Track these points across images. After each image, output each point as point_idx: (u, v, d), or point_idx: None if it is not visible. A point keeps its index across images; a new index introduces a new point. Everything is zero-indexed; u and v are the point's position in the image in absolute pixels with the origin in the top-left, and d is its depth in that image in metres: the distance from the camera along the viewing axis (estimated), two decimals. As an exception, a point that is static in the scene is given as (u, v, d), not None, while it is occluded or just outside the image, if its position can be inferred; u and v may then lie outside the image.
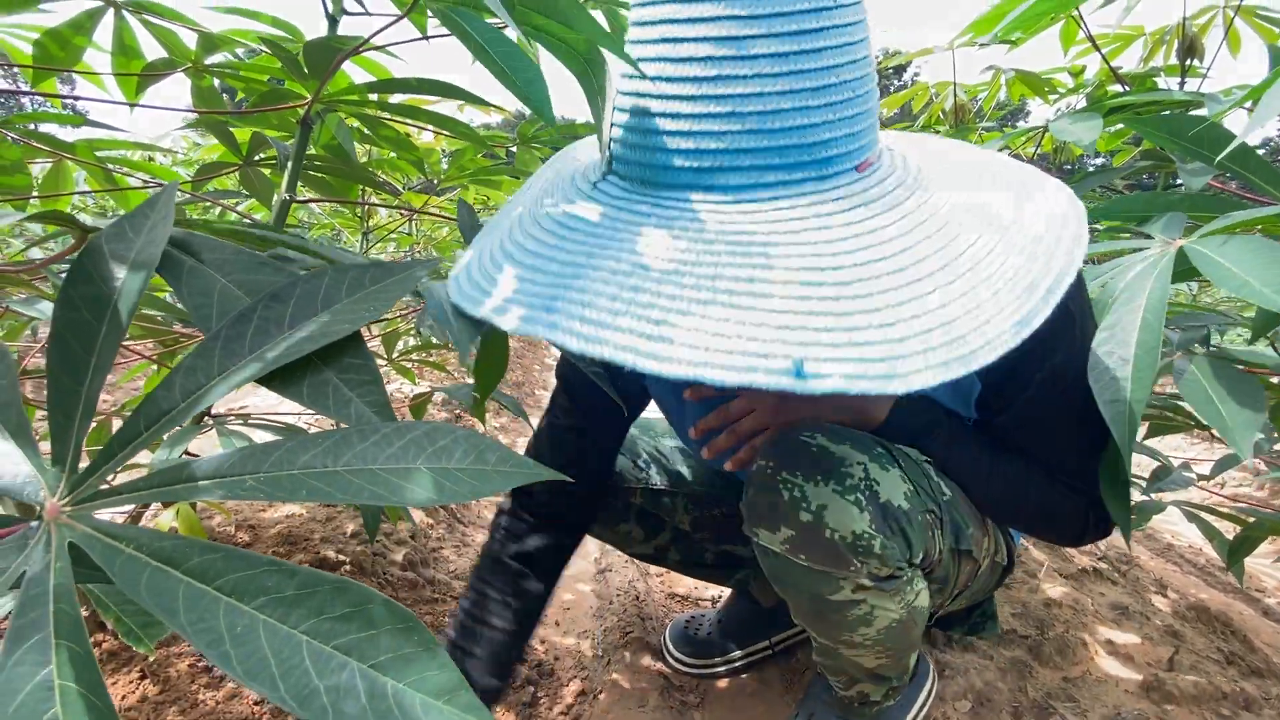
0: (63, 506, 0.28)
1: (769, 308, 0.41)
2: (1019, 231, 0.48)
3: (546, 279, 0.46)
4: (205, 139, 1.86)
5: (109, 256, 0.37)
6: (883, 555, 0.62)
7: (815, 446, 0.64)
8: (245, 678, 0.20)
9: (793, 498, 0.62)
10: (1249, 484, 2.07)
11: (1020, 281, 0.45)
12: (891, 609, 0.66)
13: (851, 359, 0.40)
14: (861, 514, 0.61)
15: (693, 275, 0.43)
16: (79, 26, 0.91)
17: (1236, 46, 1.11)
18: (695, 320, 0.41)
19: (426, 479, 0.27)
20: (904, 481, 0.65)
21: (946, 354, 0.41)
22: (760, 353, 0.40)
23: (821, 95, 0.46)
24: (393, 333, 1.32)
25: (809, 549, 0.63)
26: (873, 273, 0.43)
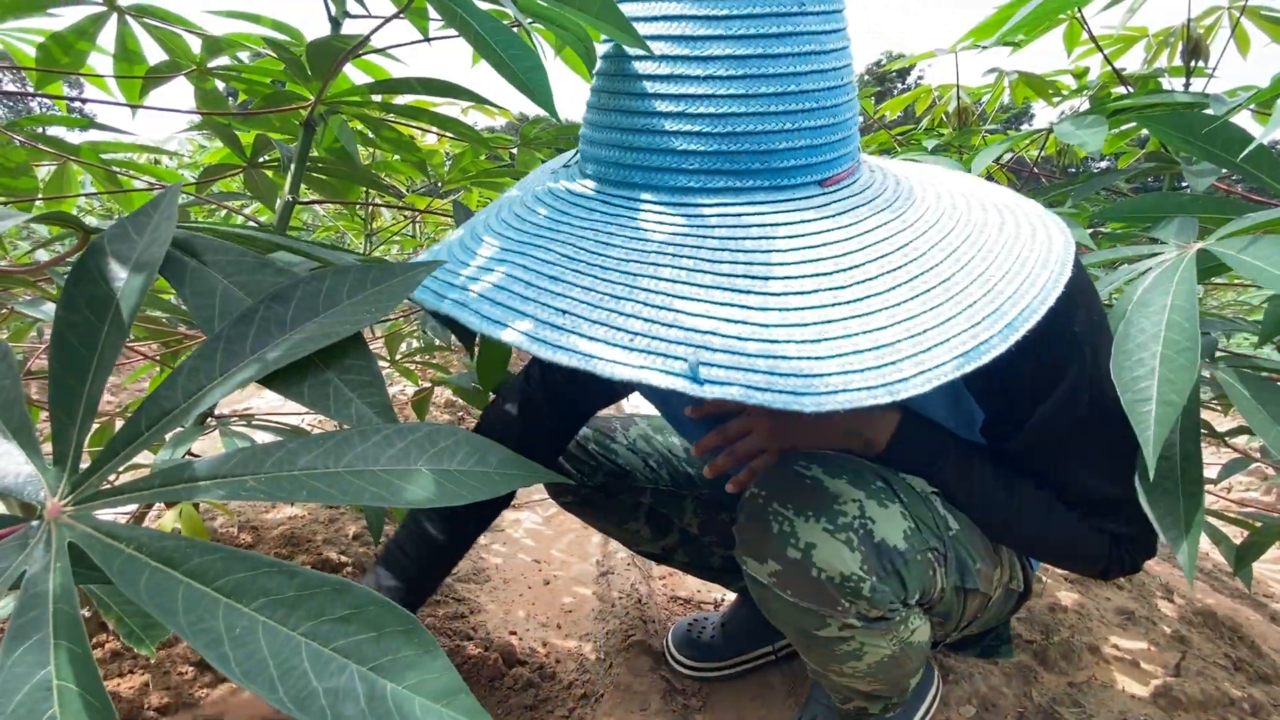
0: (63, 506, 0.28)
1: (686, 309, 0.40)
2: (991, 259, 0.47)
3: (475, 269, 0.47)
4: (210, 142, 1.86)
5: (111, 257, 0.37)
6: (871, 599, 0.59)
7: (809, 478, 0.61)
8: (244, 679, 0.20)
9: (782, 531, 0.60)
10: (1256, 488, 2.05)
11: (980, 311, 0.43)
12: (883, 645, 0.63)
13: (759, 370, 0.38)
14: (852, 554, 0.58)
15: (616, 272, 0.43)
16: (82, 31, 0.91)
17: (1246, 46, 1.11)
18: (603, 314, 0.41)
19: (428, 480, 0.27)
20: (904, 519, 0.61)
21: (875, 378, 0.39)
22: (661, 352, 0.39)
23: (779, 103, 0.45)
24: (396, 334, 1.32)
25: (795, 586, 0.60)
26: (811, 286, 0.42)
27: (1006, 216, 0.53)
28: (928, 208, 0.52)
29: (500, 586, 1.33)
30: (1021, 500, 0.65)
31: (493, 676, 0.98)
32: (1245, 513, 1.01)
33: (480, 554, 1.46)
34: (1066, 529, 0.65)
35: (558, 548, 1.53)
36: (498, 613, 1.22)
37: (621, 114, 0.48)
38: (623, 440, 0.94)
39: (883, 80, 20.32)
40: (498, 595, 1.29)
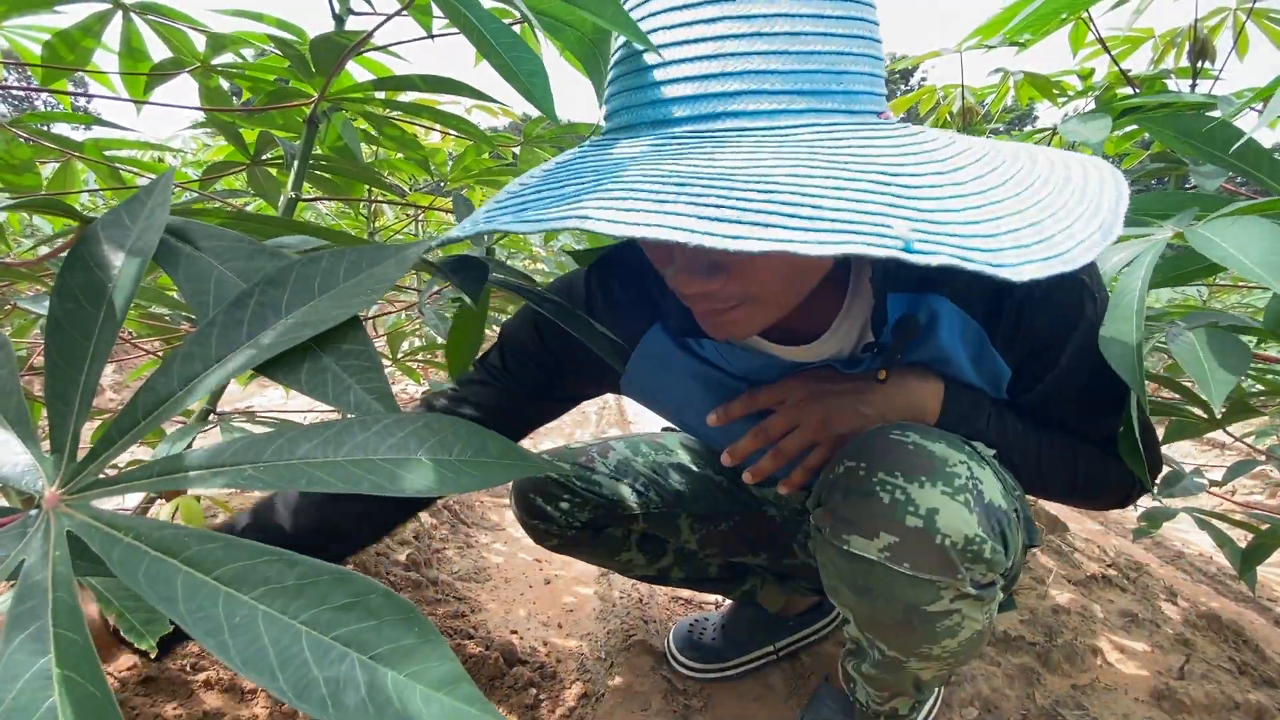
0: (61, 495, 0.28)
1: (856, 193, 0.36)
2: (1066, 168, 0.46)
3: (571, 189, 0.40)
4: (214, 140, 1.87)
5: (105, 243, 0.37)
6: (991, 560, 0.57)
7: (910, 444, 0.59)
8: (243, 668, 0.20)
9: (895, 500, 0.57)
10: (1261, 491, 2.05)
11: (1087, 201, 0.41)
12: (978, 619, 0.61)
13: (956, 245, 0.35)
14: (971, 515, 0.56)
15: (746, 175, 0.37)
16: (88, 29, 0.91)
17: (1244, 49, 1.10)
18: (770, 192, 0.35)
19: (427, 469, 0.26)
20: (997, 479, 0.61)
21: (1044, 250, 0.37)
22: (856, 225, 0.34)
23: (844, 25, 0.45)
24: (398, 333, 1.32)
25: (916, 556, 0.57)
26: (947, 180, 0.40)
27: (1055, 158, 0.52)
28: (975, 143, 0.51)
29: (501, 585, 1.33)
30: (1050, 447, 0.67)
31: (493, 675, 0.98)
32: (1250, 515, 1.01)
33: (481, 553, 1.46)
34: (1092, 467, 0.67)
35: (559, 547, 1.53)
36: (499, 612, 1.21)
37: (687, 44, 0.45)
38: (603, 469, 0.88)
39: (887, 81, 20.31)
40: (499, 594, 1.29)
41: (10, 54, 1.01)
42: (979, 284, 0.61)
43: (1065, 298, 0.61)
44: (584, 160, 0.45)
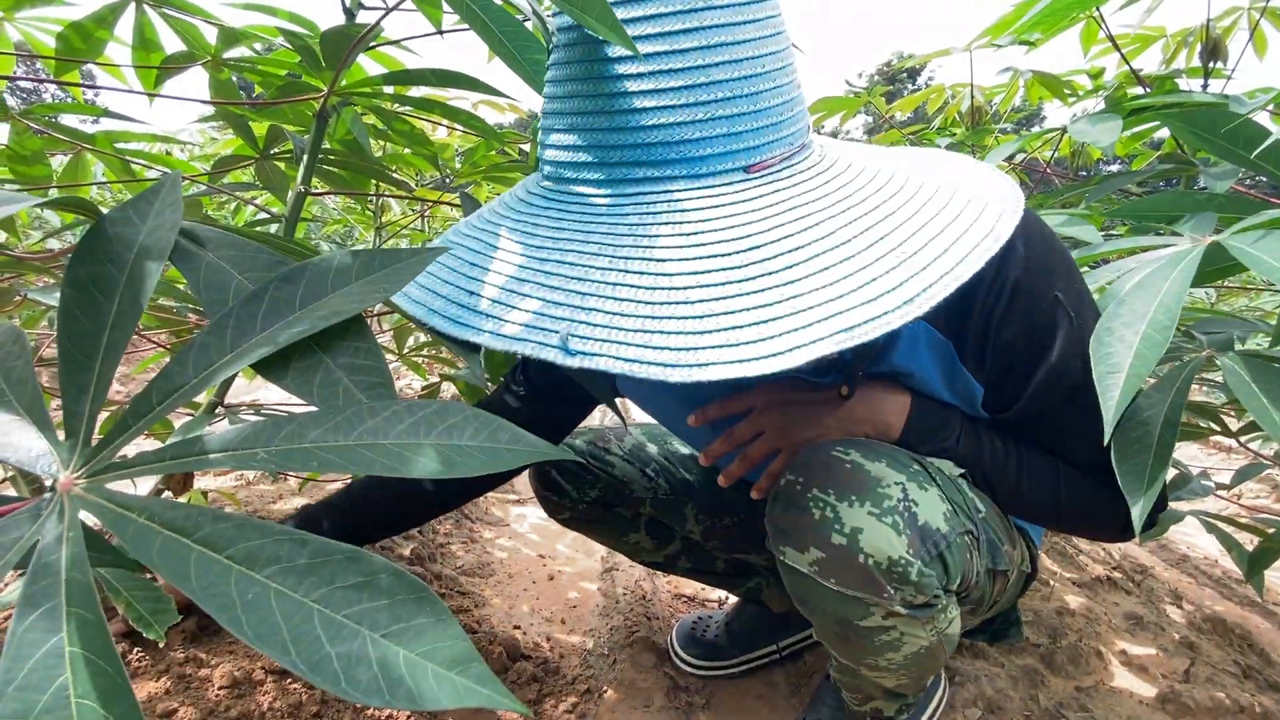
0: (76, 479, 0.28)
1: (577, 289, 0.44)
2: (912, 232, 0.47)
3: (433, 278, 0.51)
4: (222, 134, 1.87)
5: (113, 239, 0.37)
6: (919, 583, 0.58)
7: (849, 462, 0.60)
8: (256, 642, 0.20)
9: (824, 517, 0.58)
10: (1268, 495, 2.03)
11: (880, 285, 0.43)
12: (921, 636, 0.62)
13: (633, 344, 0.41)
14: (899, 537, 0.57)
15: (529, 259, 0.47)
16: (101, 20, 0.92)
17: (1263, 48, 1.09)
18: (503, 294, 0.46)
19: (437, 454, 0.27)
20: (942, 501, 0.61)
21: (750, 351, 0.40)
22: (542, 326, 0.43)
23: (688, 94, 0.47)
24: (404, 329, 1.33)
25: (840, 573, 0.58)
26: (705, 266, 0.44)
27: (960, 190, 0.53)
28: (860, 187, 0.52)
29: (505, 581, 1.33)
30: (1030, 468, 0.66)
31: (496, 670, 0.98)
32: (1258, 519, 1.00)
33: (485, 548, 1.46)
34: (1077, 493, 0.66)
35: (563, 543, 1.53)
36: (502, 607, 1.22)
37: (556, 115, 0.51)
38: (618, 451, 0.92)
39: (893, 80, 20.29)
40: (502, 590, 1.29)
41: (21, 45, 1.01)
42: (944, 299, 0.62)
43: (1036, 315, 0.60)
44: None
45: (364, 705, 0.59)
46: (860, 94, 1.39)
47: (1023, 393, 0.63)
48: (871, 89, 1.41)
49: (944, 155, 0.62)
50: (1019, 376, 0.63)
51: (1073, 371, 0.61)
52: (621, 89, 0.47)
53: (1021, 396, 0.63)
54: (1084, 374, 0.59)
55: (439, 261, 0.52)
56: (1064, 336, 0.60)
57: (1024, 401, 0.63)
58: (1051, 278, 0.60)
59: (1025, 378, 0.62)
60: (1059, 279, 0.60)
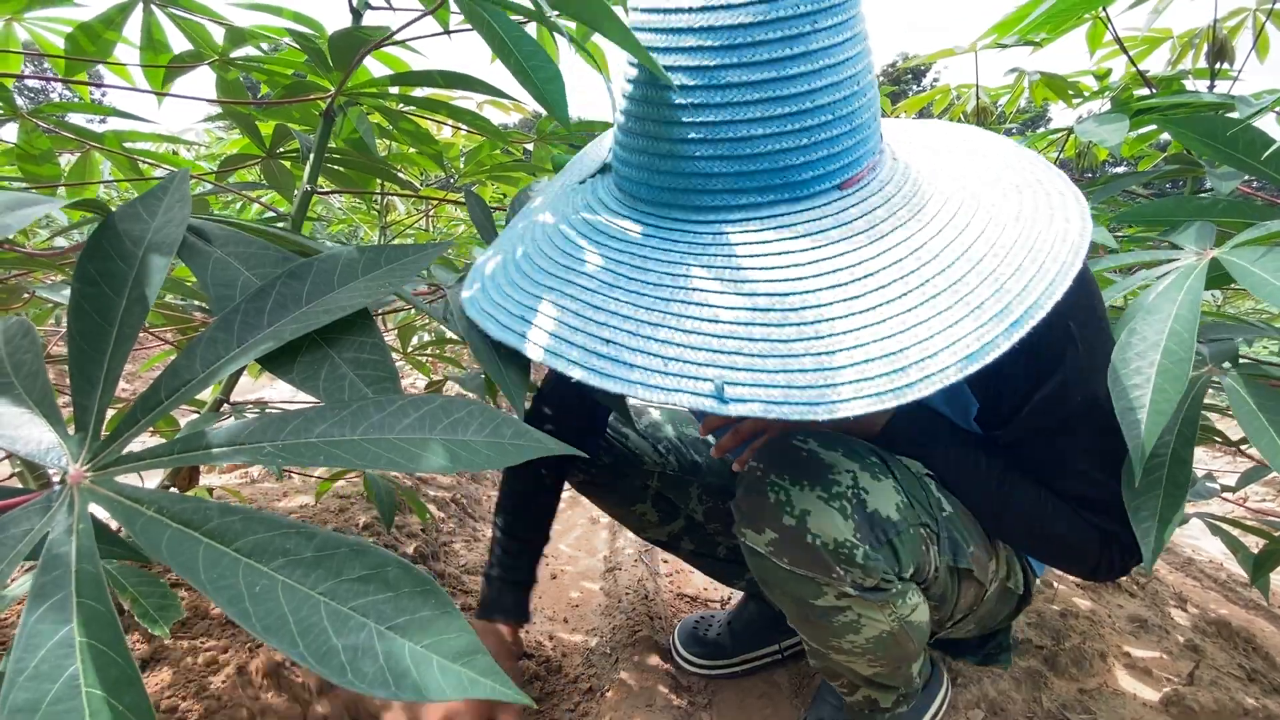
0: (85, 472, 0.28)
1: (713, 331, 0.44)
2: (1003, 255, 0.48)
3: (526, 298, 0.50)
4: (228, 133, 1.88)
5: (123, 235, 0.38)
6: (865, 566, 0.61)
7: (805, 451, 0.63)
8: (264, 634, 0.20)
9: (778, 500, 0.62)
10: (1273, 498, 2.02)
11: (987, 311, 0.45)
12: (880, 619, 0.64)
13: (778, 385, 0.42)
14: (845, 522, 0.60)
15: (651, 297, 0.47)
16: (110, 21, 0.93)
17: (1265, 50, 1.09)
18: (641, 341, 0.45)
19: (443, 448, 0.27)
20: (897, 493, 0.63)
21: (885, 384, 0.42)
22: (691, 375, 0.43)
23: (796, 121, 0.47)
24: (409, 327, 1.33)
25: (791, 552, 0.62)
26: (828, 299, 0.45)
27: (1026, 199, 0.53)
28: (946, 200, 0.52)
29: (507, 580, 1.33)
30: (1013, 490, 0.67)
31: (499, 668, 0.98)
32: (1266, 522, 1.00)
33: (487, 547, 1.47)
34: (1058, 522, 0.66)
35: (565, 542, 1.53)
36: (504, 605, 1.22)
37: (649, 139, 0.50)
38: (634, 424, 0.96)
39: (898, 80, 20.28)
40: (505, 588, 1.29)
41: (30, 45, 1.02)
42: None
43: (1043, 341, 0.58)
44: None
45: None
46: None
47: (1017, 413, 0.64)
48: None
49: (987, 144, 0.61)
50: (1015, 397, 0.63)
51: (1070, 402, 0.61)
52: (728, 119, 0.47)
53: (1015, 418, 0.64)
54: (1083, 407, 0.60)
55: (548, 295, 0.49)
56: (1068, 366, 0.60)
57: (1017, 423, 0.64)
58: (1068, 306, 0.59)
59: (1022, 399, 0.63)
60: (1078, 310, 0.59)
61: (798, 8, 0.45)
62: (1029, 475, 0.67)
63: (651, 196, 0.52)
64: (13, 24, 0.98)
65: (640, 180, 0.52)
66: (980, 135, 0.64)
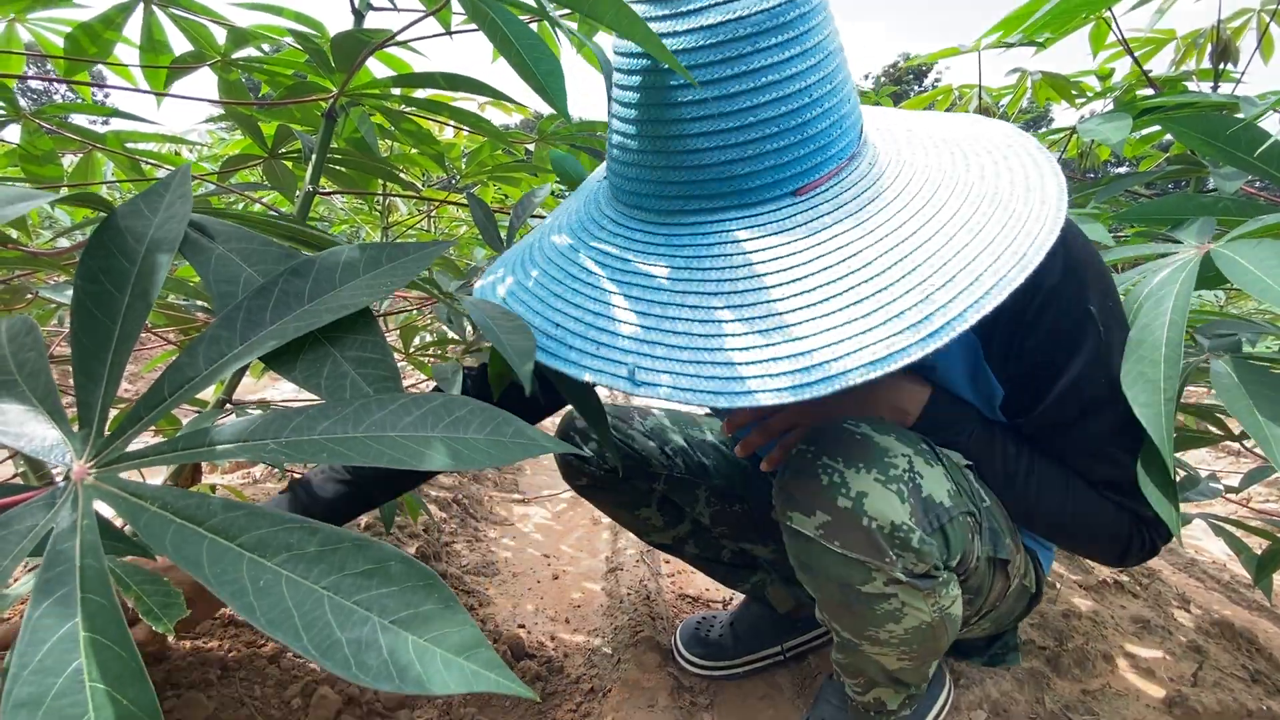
0: (89, 468, 0.28)
1: (643, 323, 0.50)
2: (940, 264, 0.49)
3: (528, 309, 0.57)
4: (230, 134, 1.89)
5: (125, 232, 0.38)
6: (920, 550, 0.60)
7: (859, 434, 0.63)
8: (269, 627, 0.20)
9: (831, 482, 0.61)
10: (1276, 499, 2.02)
11: (905, 320, 0.46)
12: (923, 610, 0.63)
13: (688, 374, 0.47)
14: (903, 505, 0.59)
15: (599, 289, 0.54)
16: (110, 21, 0.93)
17: (1269, 51, 1.09)
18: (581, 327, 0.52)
19: (444, 446, 0.27)
20: (947, 479, 0.63)
21: (786, 381, 0.45)
22: (614, 359, 0.49)
23: (739, 135, 0.51)
24: (411, 327, 1.33)
25: (844, 535, 0.60)
26: (750, 299, 0.49)
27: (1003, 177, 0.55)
28: (906, 204, 0.53)
29: (509, 580, 1.33)
30: (1041, 477, 0.67)
31: (500, 668, 0.98)
32: (1268, 522, 0.99)
33: (490, 548, 1.47)
34: (1086, 506, 0.66)
35: (567, 543, 1.53)
36: (506, 606, 1.22)
37: (619, 148, 0.56)
38: (639, 427, 0.95)
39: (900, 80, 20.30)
40: (507, 589, 1.29)
41: (31, 46, 1.02)
42: None
43: (1065, 325, 0.61)
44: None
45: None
46: (868, 94, 1.39)
47: (1042, 400, 0.64)
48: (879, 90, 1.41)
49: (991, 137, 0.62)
50: (1040, 383, 0.63)
51: (1095, 385, 0.61)
52: (677, 133, 0.52)
53: (1040, 403, 0.64)
54: (1107, 390, 0.60)
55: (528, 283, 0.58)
56: (1090, 349, 0.61)
57: (1042, 409, 0.64)
58: (1086, 290, 0.61)
59: (1046, 385, 0.63)
60: (1094, 292, 0.61)
61: (736, 31, 0.49)
62: (1057, 462, 0.67)
63: (624, 199, 0.57)
64: (15, 25, 0.98)
65: (617, 184, 0.58)
66: (982, 127, 0.64)
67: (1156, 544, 0.67)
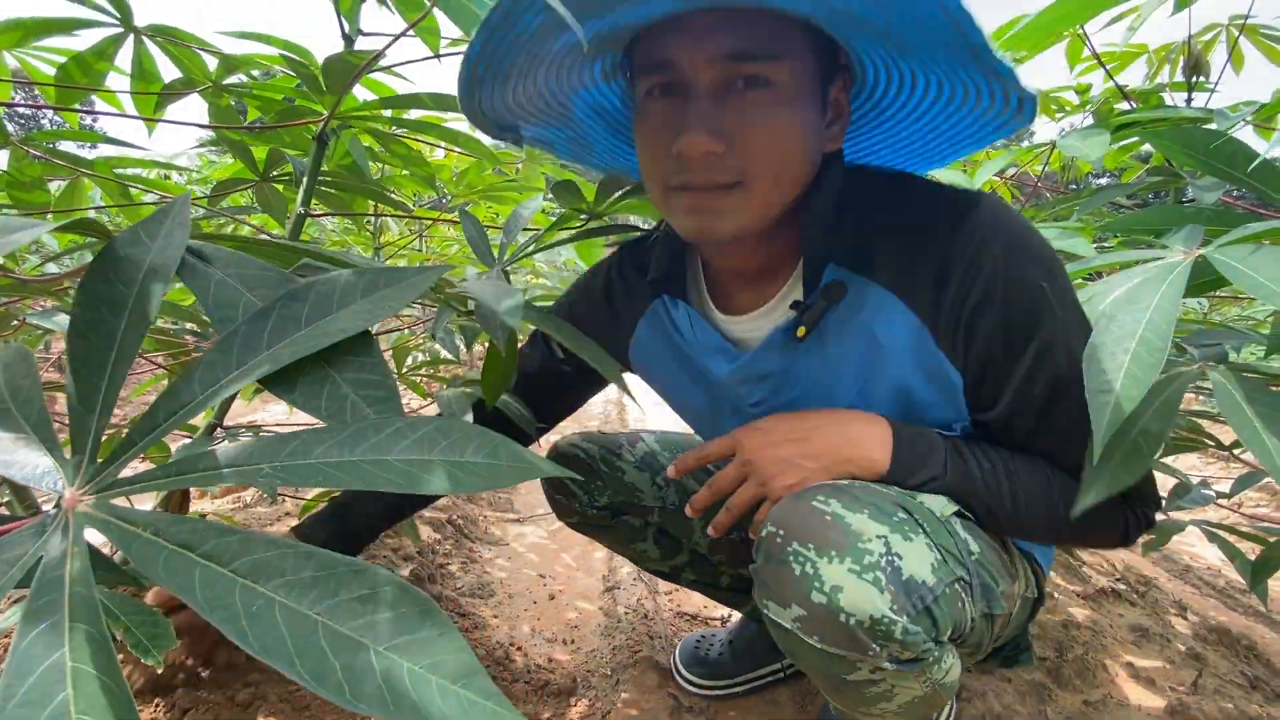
0: (81, 495, 0.28)
1: None
2: None
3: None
4: (221, 158, 1.89)
5: (125, 259, 0.38)
6: (905, 641, 0.55)
7: (829, 514, 0.58)
8: (262, 654, 0.20)
9: (804, 573, 0.56)
10: (1267, 504, 2.03)
11: None
12: (914, 687, 0.59)
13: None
14: (881, 595, 0.54)
15: None
16: (101, 52, 0.93)
17: (1240, 64, 1.12)
18: None
19: (441, 470, 0.27)
20: (930, 550, 0.58)
21: None
22: None
23: None
24: (404, 348, 1.33)
25: (822, 631, 0.56)
26: None
27: None
28: None
29: (504, 601, 1.32)
30: (1024, 488, 0.64)
31: (497, 692, 0.97)
32: (1261, 528, 1.00)
33: (485, 568, 1.45)
34: (1069, 499, 0.63)
35: (563, 562, 1.52)
36: (502, 628, 1.20)
37: None
38: (629, 458, 0.93)
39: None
40: (502, 610, 1.28)
41: (20, 74, 1.03)
42: (918, 274, 0.62)
43: (1017, 305, 0.59)
44: None
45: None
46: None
47: (1005, 387, 0.62)
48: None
49: None
50: (1000, 369, 0.62)
51: (1058, 365, 0.60)
52: None
53: (1004, 391, 0.62)
54: (1070, 369, 0.58)
55: None
56: (1047, 328, 0.59)
57: (1008, 397, 0.62)
58: (1032, 266, 0.59)
59: (1008, 371, 0.61)
60: (1041, 269, 0.59)
61: None
62: (1029, 459, 0.65)
63: None
64: (1, 52, 0.98)
65: None
66: None
67: (1149, 514, 0.65)
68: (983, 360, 0.62)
